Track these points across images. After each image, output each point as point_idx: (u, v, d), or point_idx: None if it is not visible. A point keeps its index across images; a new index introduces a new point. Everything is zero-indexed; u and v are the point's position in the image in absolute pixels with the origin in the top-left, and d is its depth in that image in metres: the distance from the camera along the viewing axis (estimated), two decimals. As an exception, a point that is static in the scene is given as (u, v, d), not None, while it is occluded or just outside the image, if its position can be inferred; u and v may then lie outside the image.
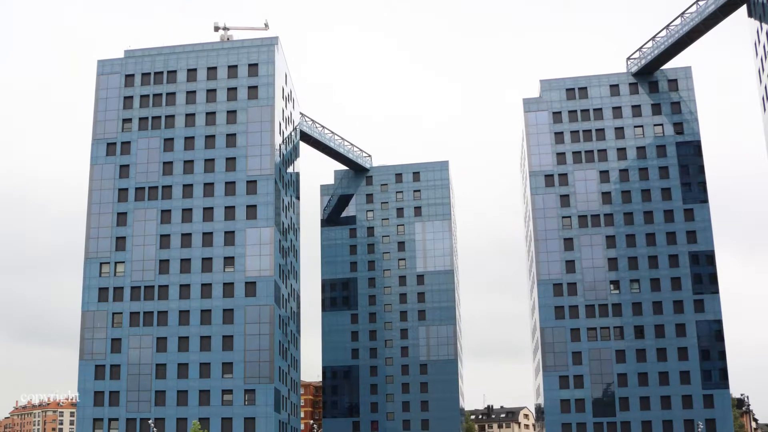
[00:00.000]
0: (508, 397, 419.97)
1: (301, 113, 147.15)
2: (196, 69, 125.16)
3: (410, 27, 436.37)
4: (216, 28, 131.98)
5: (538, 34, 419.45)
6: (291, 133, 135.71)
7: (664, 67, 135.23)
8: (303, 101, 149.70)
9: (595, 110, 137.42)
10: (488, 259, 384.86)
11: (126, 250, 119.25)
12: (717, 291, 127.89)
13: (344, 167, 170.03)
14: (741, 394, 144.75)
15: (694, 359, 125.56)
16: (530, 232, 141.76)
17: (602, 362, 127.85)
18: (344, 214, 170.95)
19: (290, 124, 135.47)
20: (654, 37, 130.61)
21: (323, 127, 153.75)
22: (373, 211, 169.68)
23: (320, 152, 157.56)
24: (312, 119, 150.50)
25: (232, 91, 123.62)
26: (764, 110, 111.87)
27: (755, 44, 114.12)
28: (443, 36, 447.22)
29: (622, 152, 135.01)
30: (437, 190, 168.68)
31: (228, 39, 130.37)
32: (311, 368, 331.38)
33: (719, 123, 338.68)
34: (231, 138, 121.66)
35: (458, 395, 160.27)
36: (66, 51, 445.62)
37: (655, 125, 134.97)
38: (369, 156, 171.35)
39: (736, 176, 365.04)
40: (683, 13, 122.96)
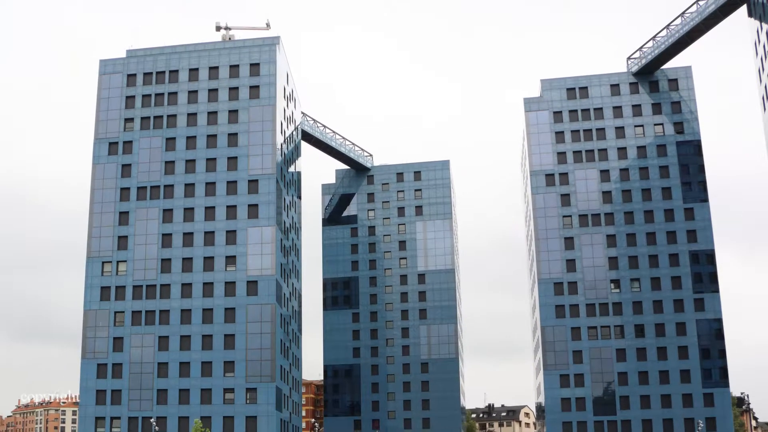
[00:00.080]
0: (509, 396, 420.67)
1: (303, 113, 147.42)
2: (198, 69, 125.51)
3: (410, 27, 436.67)
4: (218, 28, 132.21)
5: (538, 34, 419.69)
6: (292, 133, 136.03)
7: (665, 67, 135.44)
8: (304, 101, 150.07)
9: (596, 110, 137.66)
10: (489, 258, 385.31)
11: (128, 249, 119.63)
12: (717, 290, 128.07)
13: (345, 166, 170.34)
14: (741, 393, 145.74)
15: (695, 358, 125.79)
16: (531, 231, 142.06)
17: (603, 361, 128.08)
18: (345, 214, 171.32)
19: (292, 124, 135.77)
20: (654, 37, 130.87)
21: (325, 127, 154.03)
22: (375, 211, 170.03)
23: (322, 152, 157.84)
24: (313, 119, 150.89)
25: (234, 91, 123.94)
26: (764, 110, 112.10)
27: (755, 44, 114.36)
28: (443, 36, 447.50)
29: (623, 152, 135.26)
30: (438, 190, 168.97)
31: (230, 39, 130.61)
32: (313, 367, 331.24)
33: (719, 122, 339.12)
34: (233, 137, 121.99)
35: (459, 394, 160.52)
36: (66, 51, 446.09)
37: (656, 125, 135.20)
38: (370, 155, 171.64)
39: (736, 176, 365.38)
40: (683, 13, 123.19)
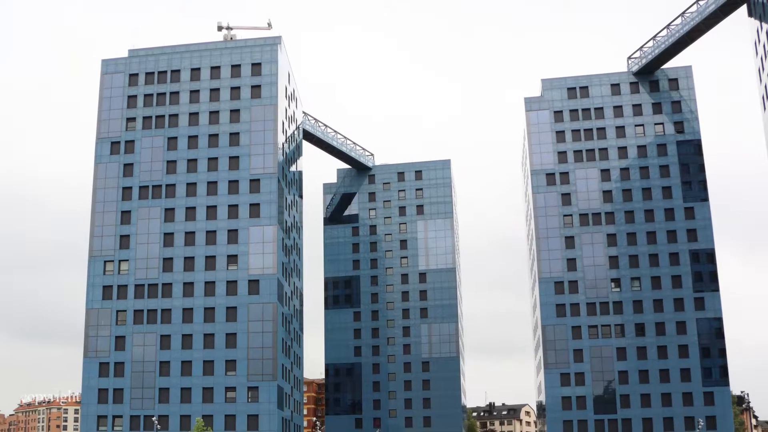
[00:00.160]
0: (510, 395, 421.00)
1: (304, 112, 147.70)
2: (200, 68, 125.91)
3: (410, 27, 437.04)
4: (219, 28, 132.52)
5: (538, 34, 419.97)
6: (294, 132, 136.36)
7: (665, 67, 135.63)
8: (304, 101, 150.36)
9: (596, 109, 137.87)
10: (490, 258, 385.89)
11: (130, 249, 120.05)
12: (717, 289, 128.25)
13: (347, 166, 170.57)
14: (741, 392, 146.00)
15: (695, 357, 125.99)
16: (532, 231, 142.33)
17: (603, 359, 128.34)
18: (347, 213, 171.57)
19: (293, 123, 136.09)
20: (655, 37, 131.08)
21: (326, 126, 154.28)
22: (376, 210, 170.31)
23: (323, 151, 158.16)
24: (315, 118, 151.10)
25: (236, 91, 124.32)
26: (764, 109, 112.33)
27: (755, 43, 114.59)
28: (443, 36, 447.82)
29: (623, 151, 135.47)
30: (439, 189, 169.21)
31: (231, 38, 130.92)
32: (314, 366, 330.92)
33: (719, 122, 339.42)
34: (234, 137, 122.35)
35: (460, 392, 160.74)
36: (66, 51, 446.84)
37: (656, 124, 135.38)
38: (371, 155, 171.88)
39: (737, 175, 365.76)
40: (684, 13, 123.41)
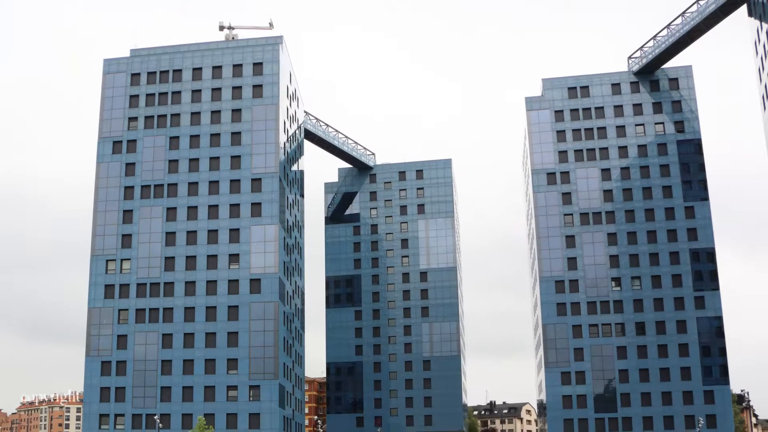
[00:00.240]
0: (511, 393, 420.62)
1: (306, 112, 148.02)
2: (202, 68, 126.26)
3: (410, 27, 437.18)
4: (221, 28, 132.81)
5: (538, 34, 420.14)
6: (295, 132, 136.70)
7: (665, 66, 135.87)
8: (305, 100, 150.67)
9: (597, 109, 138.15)
10: (490, 257, 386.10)
11: (132, 248, 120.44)
12: (717, 288, 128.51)
13: (348, 165, 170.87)
14: (741, 390, 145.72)
15: (695, 355, 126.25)
16: (532, 230, 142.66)
17: (604, 358, 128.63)
18: (348, 212, 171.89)
19: (295, 123, 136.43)
20: (655, 37, 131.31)
21: (327, 126, 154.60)
22: (377, 209, 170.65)
23: (324, 150, 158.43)
24: (316, 117, 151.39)
25: (237, 90, 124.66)
26: (764, 109, 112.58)
27: (755, 43, 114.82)
28: (443, 36, 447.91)
29: (624, 150, 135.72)
30: (440, 188, 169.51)
31: (233, 38, 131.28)
32: (315, 364, 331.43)
33: (720, 121, 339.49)
34: (236, 136, 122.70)
35: (461, 391, 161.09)
36: (67, 51, 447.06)
37: (656, 124, 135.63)
38: (373, 154, 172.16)
39: (737, 175, 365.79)
40: (684, 13, 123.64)
